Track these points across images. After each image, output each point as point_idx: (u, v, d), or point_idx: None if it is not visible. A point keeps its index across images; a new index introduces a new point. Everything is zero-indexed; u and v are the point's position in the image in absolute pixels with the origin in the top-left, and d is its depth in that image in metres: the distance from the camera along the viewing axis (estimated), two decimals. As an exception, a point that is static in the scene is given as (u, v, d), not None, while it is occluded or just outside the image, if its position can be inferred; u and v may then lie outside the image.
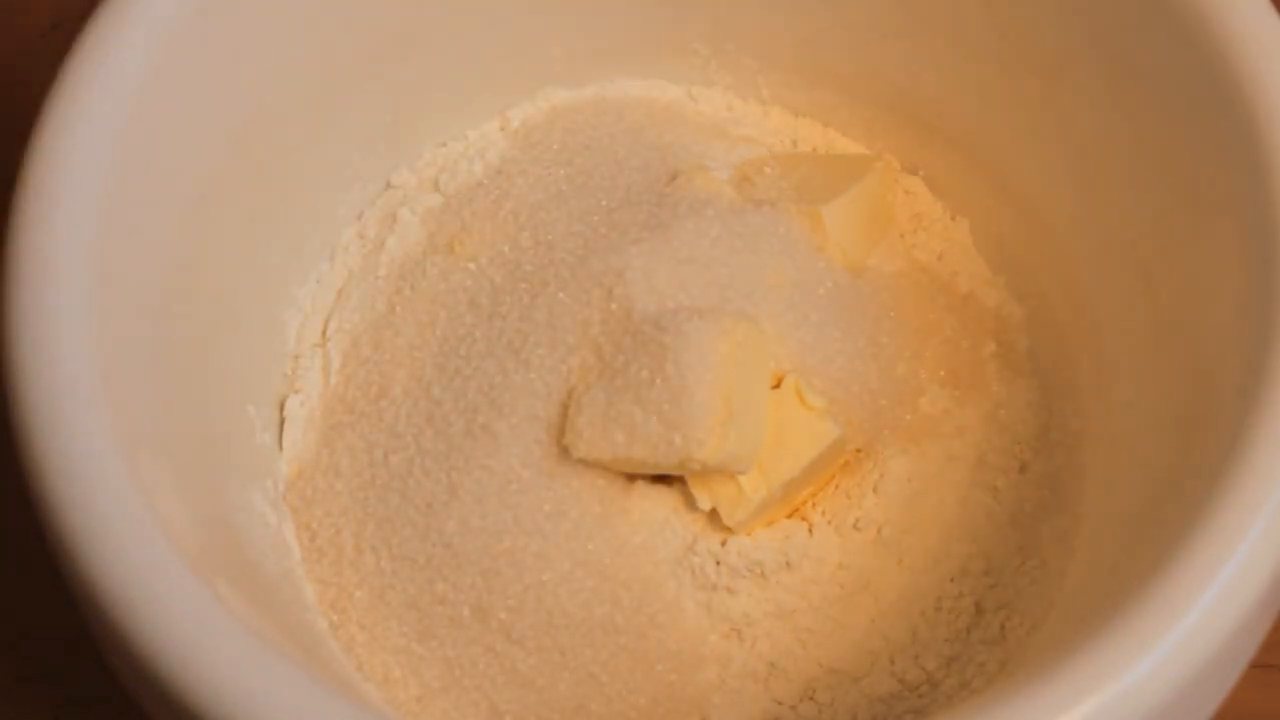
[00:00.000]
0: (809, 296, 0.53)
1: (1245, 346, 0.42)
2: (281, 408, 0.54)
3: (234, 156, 0.50)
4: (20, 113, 0.47)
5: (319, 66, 0.53)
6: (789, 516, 0.51)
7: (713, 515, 0.50)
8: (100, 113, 0.45)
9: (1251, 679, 0.42)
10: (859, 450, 0.52)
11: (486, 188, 0.57)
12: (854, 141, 0.60)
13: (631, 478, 0.50)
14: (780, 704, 0.49)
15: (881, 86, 0.58)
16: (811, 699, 0.49)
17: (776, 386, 0.51)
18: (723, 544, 0.50)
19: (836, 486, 0.51)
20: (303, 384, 0.54)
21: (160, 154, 0.47)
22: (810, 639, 0.50)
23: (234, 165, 0.50)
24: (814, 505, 0.51)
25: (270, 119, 0.51)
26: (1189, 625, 0.38)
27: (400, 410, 0.52)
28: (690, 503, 0.50)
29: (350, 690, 0.48)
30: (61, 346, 0.43)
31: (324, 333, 0.55)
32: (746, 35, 0.59)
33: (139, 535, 0.40)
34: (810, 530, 0.51)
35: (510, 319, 0.51)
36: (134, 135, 0.45)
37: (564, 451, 0.49)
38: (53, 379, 0.42)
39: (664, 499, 0.50)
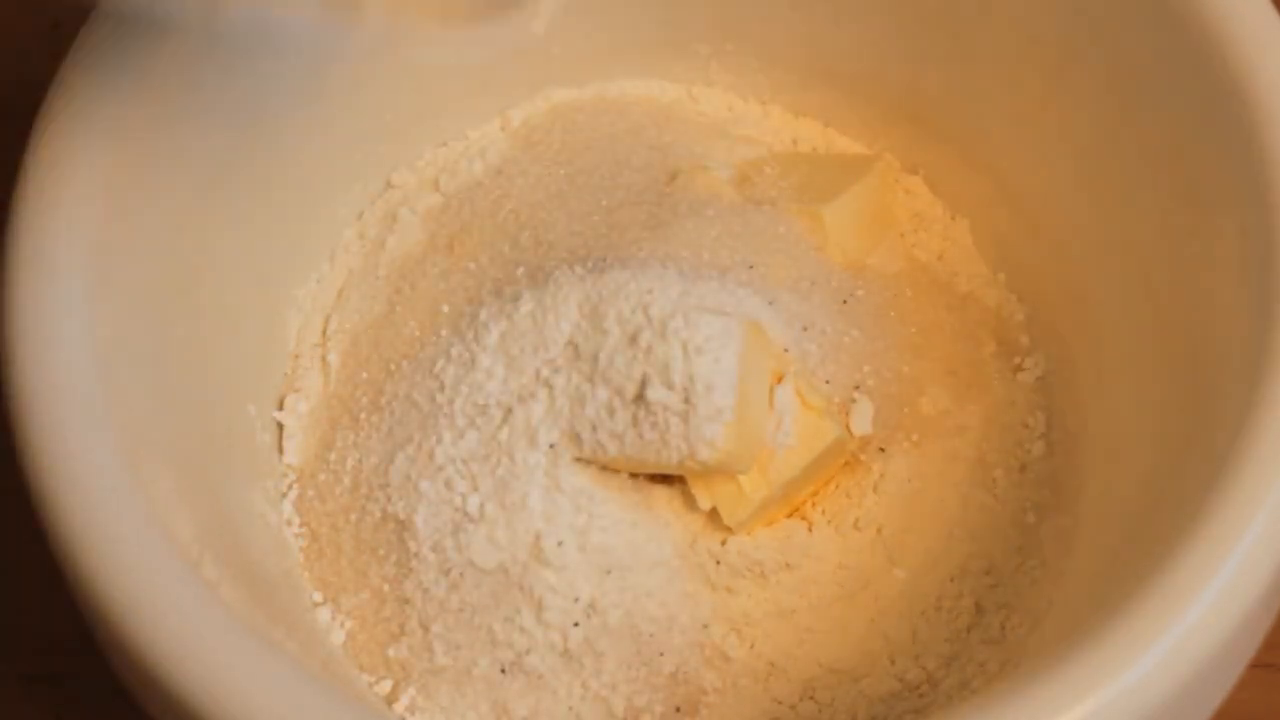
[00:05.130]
0: (809, 296, 0.53)
1: (1245, 346, 0.42)
2: (281, 407, 0.54)
3: (234, 156, 0.50)
4: (20, 113, 0.47)
5: (319, 66, 0.53)
6: (789, 516, 0.51)
7: (713, 515, 0.50)
8: (100, 113, 0.45)
9: (1251, 679, 0.42)
10: (859, 450, 0.52)
11: (487, 187, 0.57)
12: (854, 141, 0.60)
13: (632, 477, 0.50)
14: (780, 703, 0.49)
15: (881, 86, 0.58)
16: (811, 698, 0.49)
17: (777, 385, 0.51)
18: (723, 544, 0.50)
19: (836, 486, 0.51)
20: (303, 384, 0.54)
21: (160, 154, 0.47)
22: (810, 638, 0.50)
23: (234, 165, 0.50)
24: (814, 505, 0.51)
25: (270, 119, 0.51)
26: (1189, 625, 0.38)
27: (400, 410, 0.52)
28: (690, 503, 0.50)
29: (350, 689, 0.48)
30: (61, 347, 0.43)
31: (324, 333, 0.55)
32: (747, 35, 0.59)
33: (139, 535, 0.40)
34: (810, 530, 0.51)
35: (511, 318, 0.51)
36: (134, 135, 0.45)
37: (565, 451, 0.49)
38: (53, 379, 0.42)
39: (664, 498, 0.50)
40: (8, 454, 0.41)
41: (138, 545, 0.40)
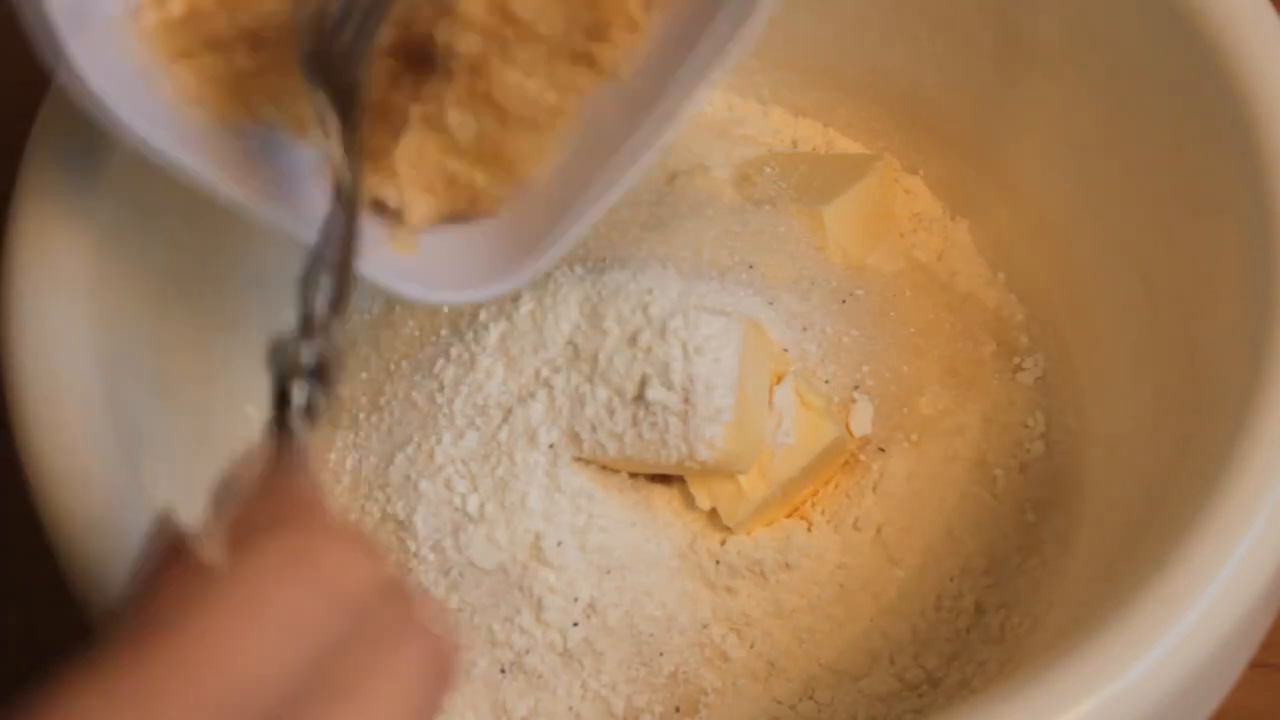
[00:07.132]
0: (808, 296, 0.53)
1: (1245, 347, 0.42)
2: (281, 408, 0.54)
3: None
4: (20, 114, 0.47)
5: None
6: (789, 516, 0.51)
7: (713, 515, 0.50)
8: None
9: (1251, 679, 0.42)
10: (858, 450, 0.52)
11: (486, 187, 0.57)
12: (854, 141, 0.60)
13: (632, 477, 0.50)
14: (780, 703, 0.49)
15: (881, 86, 0.58)
16: (811, 698, 0.49)
17: (776, 385, 0.51)
18: (722, 544, 0.50)
19: (836, 486, 0.51)
20: (303, 384, 0.54)
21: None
22: (810, 638, 0.50)
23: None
24: (814, 505, 0.51)
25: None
26: (1188, 624, 0.38)
27: (400, 410, 0.52)
28: (690, 502, 0.50)
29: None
30: (61, 347, 0.43)
31: (324, 332, 0.55)
32: (747, 35, 0.59)
33: (140, 536, 0.40)
34: (810, 530, 0.51)
35: (511, 318, 0.51)
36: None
37: (565, 451, 0.49)
38: (53, 379, 0.42)
39: (664, 498, 0.50)
40: (8, 453, 0.41)
41: (137, 545, 0.40)
